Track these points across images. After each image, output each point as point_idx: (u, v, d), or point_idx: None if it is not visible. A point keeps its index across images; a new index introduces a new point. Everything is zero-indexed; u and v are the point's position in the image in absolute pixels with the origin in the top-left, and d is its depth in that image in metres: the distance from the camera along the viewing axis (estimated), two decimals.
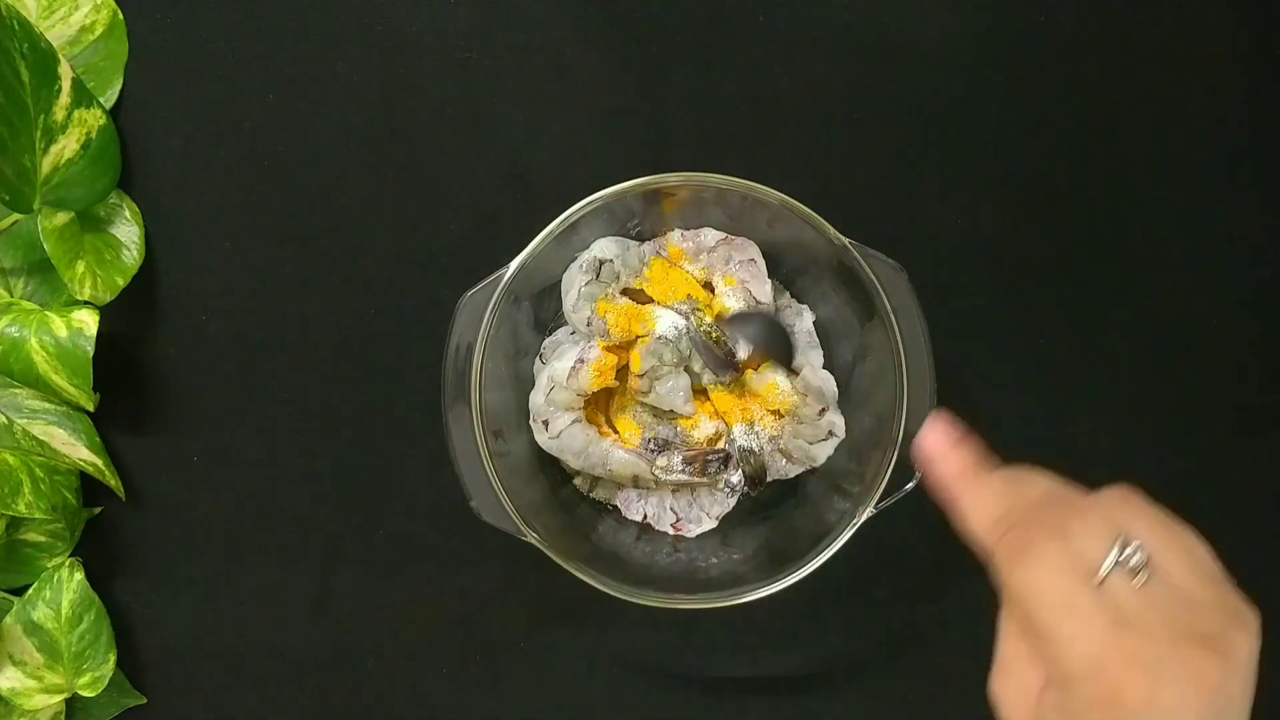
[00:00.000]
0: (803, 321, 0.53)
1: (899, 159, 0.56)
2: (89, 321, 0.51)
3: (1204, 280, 0.56)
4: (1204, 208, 0.55)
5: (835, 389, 0.51)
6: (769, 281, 0.51)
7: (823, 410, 0.50)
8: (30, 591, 0.54)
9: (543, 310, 0.53)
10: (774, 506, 0.54)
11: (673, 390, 0.51)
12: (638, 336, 0.50)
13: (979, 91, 0.55)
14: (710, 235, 0.51)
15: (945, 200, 0.55)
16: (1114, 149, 0.55)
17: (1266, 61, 0.55)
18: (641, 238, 0.52)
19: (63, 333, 0.50)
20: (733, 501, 0.54)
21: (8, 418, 0.54)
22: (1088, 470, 0.55)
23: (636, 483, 0.53)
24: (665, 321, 0.50)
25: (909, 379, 0.46)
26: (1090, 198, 0.55)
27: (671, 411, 0.52)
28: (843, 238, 0.46)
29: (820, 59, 0.55)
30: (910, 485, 0.46)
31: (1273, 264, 0.55)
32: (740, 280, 0.51)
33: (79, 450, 0.54)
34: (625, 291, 0.51)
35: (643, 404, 0.52)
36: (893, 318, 0.46)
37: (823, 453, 0.51)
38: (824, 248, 0.47)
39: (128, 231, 0.55)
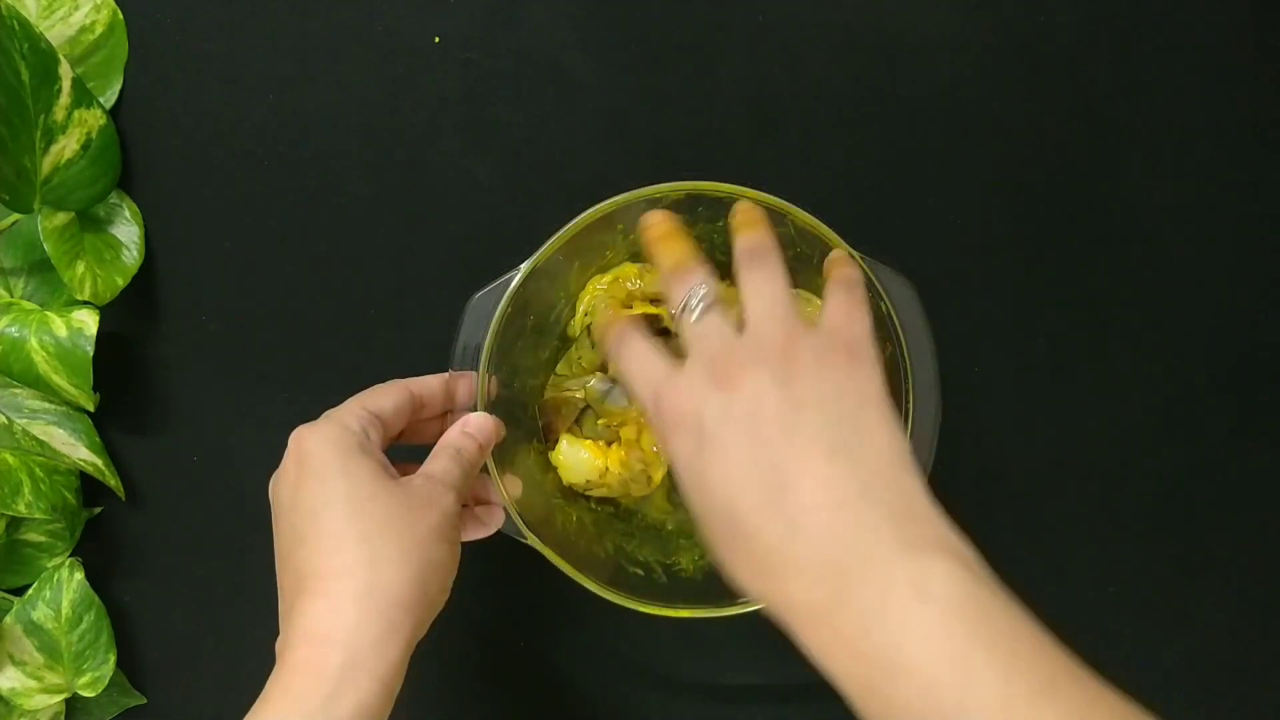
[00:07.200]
0: None
1: (900, 160, 0.56)
2: (89, 321, 0.51)
3: (1206, 281, 0.56)
4: (1206, 208, 0.55)
5: None
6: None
7: None
8: (30, 591, 0.54)
9: (545, 313, 0.53)
10: None
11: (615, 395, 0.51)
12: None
13: (979, 92, 0.55)
14: None
15: (947, 202, 0.55)
16: (1116, 150, 0.55)
17: (1269, 61, 0.55)
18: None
19: (63, 333, 0.50)
20: None
21: (8, 418, 0.54)
22: (1093, 473, 0.56)
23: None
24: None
25: (915, 393, 0.45)
26: (1093, 199, 0.55)
27: None
28: (854, 252, 0.45)
29: (821, 59, 0.55)
30: None
31: (1275, 264, 0.56)
32: None
33: (79, 450, 0.54)
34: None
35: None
36: (900, 333, 0.45)
37: None
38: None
39: (128, 231, 0.55)
